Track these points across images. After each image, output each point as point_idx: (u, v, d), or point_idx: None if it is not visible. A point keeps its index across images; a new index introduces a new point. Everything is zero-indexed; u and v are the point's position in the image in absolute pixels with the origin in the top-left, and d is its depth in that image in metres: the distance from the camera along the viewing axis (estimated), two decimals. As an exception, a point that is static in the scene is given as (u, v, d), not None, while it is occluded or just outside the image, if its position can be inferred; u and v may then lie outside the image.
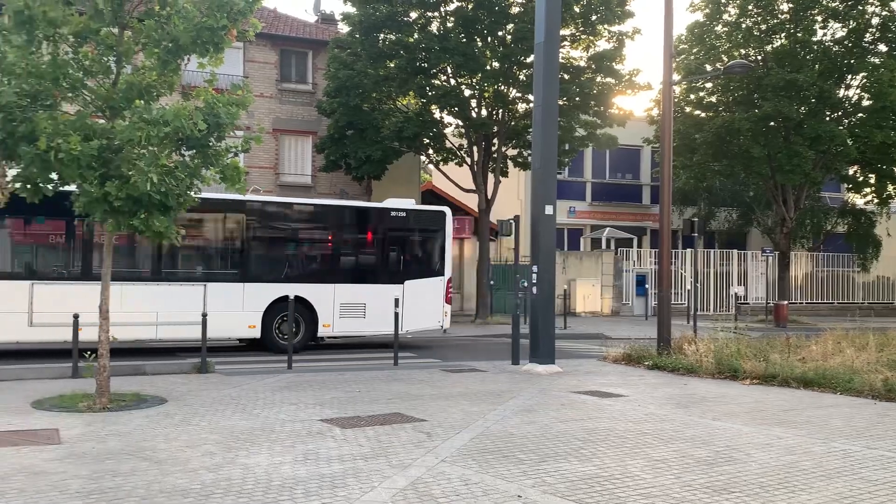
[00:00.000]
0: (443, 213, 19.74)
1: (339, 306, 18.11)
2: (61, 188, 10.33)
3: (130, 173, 9.27)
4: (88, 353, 11.29)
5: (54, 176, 10.07)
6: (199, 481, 6.65)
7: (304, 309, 17.56)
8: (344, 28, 29.03)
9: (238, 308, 17.09)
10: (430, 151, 29.08)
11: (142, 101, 9.69)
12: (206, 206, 15.34)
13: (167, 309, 16.15)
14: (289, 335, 14.95)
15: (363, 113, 26.85)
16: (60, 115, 9.52)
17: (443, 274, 19.32)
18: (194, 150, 10.30)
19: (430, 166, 34.94)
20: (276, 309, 17.44)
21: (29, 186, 10.12)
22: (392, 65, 26.89)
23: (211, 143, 10.29)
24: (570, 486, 6.75)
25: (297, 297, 16.65)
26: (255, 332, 17.27)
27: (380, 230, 19.11)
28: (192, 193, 10.38)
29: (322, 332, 18.01)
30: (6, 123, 9.31)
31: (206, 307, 15.90)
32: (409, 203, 20.14)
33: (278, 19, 31.57)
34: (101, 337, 10.41)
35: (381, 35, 26.89)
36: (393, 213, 19.32)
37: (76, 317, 13.18)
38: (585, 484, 6.82)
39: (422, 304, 18.70)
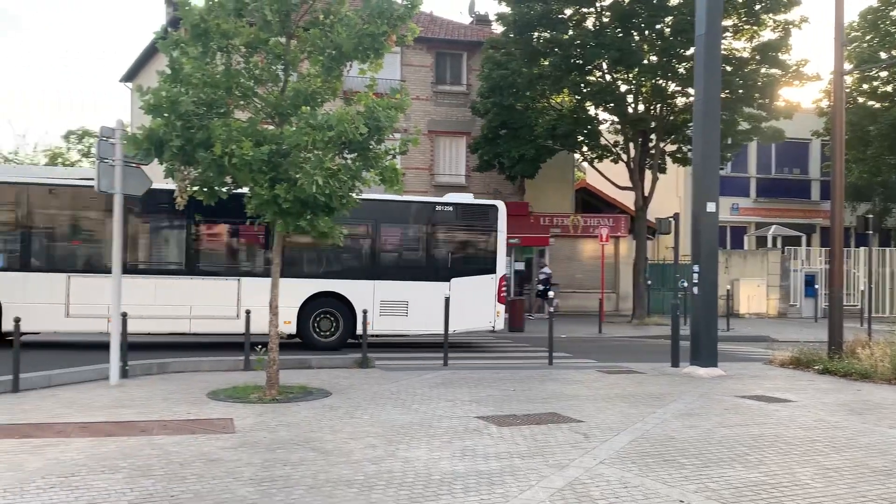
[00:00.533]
0: (494, 208, 18.73)
1: (380, 304, 17.55)
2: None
3: (298, 176, 9.69)
4: (260, 346, 11.91)
5: (228, 179, 10.70)
6: (363, 472, 6.88)
7: (343, 306, 17.26)
8: (498, 28, 29.20)
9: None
10: (585, 149, 28.81)
11: (308, 108, 10.12)
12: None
13: (201, 303, 16.39)
14: (361, 333, 14.79)
15: (517, 112, 26.91)
16: (233, 123, 10.06)
17: (495, 271, 18.35)
18: (356, 154, 10.65)
19: (585, 164, 34.57)
20: (313, 305, 17.25)
21: (205, 190, 10.79)
22: (546, 63, 26.79)
23: (371, 146, 10.61)
24: (735, 492, 6.52)
25: (334, 293, 17.05)
26: (291, 328, 16.88)
27: (424, 225, 18.37)
28: (353, 195, 10.73)
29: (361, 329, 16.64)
30: (185, 131, 9.92)
31: (240, 302, 16.32)
32: (464, 197, 19.26)
33: (434, 22, 32.10)
34: (271, 331, 10.93)
35: (535, 33, 26.85)
36: (438, 208, 18.66)
37: (248, 312, 13.95)
38: (751, 491, 6.57)
39: (470, 303, 17.70)
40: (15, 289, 15.81)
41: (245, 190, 10.45)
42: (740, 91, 25.99)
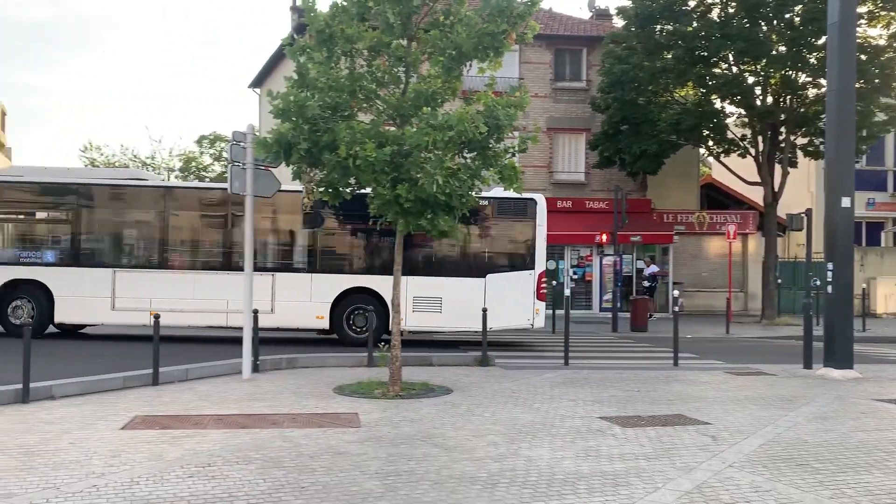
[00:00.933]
0: (532, 202, 17.76)
1: (413, 300, 16.92)
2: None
3: (418, 176, 9.83)
4: (383, 343, 12.16)
5: (351, 180, 10.97)
6: (486, 470, 6.92)
7: (376, 301, 16.74)
8: (619, 22, 28.74)
9: (305, 298, 16.97)
10: (710, 143, 28.00)
11: (428, 108, 10.24)
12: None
13: (238, 297, 15.76)
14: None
15: (638, 107, 26.43)
16: (357, 125, 10.29)
17: (532, 267, 17.38)
18: (475, 153, 10.72)
19: (710, 159, 33.58)
20: (346, 300, 17.08)
21: (330, 191, 11.09)
22: (669, 56, 26.22)
23: (491, 145, 10.65)
24: (874, 499, 6.22)
25: (366, 288, 16.82)
26: (324, 323, 16.98)
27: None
28: (473, 194, 10.79)
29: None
30: (311, 134, 10.23)
31: (274, 297, 16.63)
32: (501, 191, 18.40)
33: (553, 19, 31.90)
34: (393, 329, 11.14)
35: (658, 26, 26.32)
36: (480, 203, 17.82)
37: (372, 311, 14.27)
38: (891, 499, 6.24)
39: (507, 300, 16.87)
40: (66, 282, 16.88)
41: (368, 190, 10.69)
42: (876, 81, 24.69)
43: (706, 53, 25.60)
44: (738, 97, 26.11)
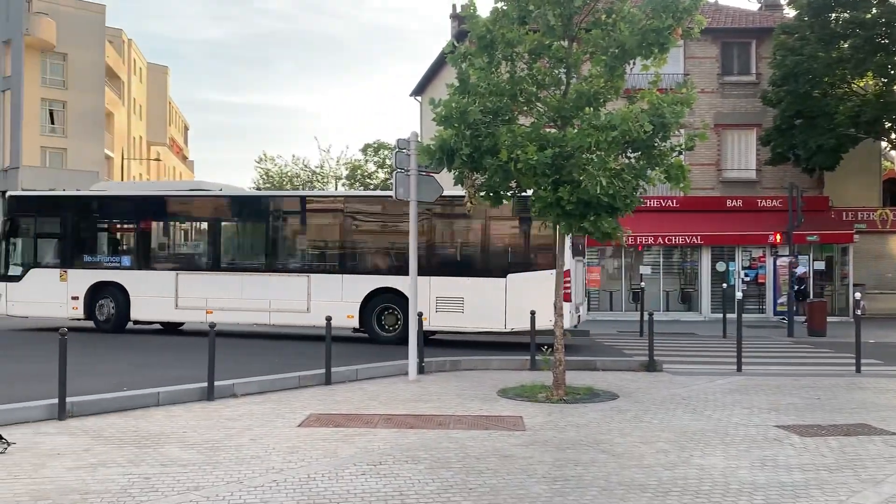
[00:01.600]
0: None
1: (436, 300, 16.90)
2: None
3: (581, 178, 9.72)
4: (546, 346, 12.10)
5: (512, 184, 11.00)
6: (656, 478, 6.74)
7: (403, 301, 16.28)
8: (790, 12, 27.43)
9: (337, 298, 17.35)
10: (893, 136, 26.19)
11: (590, 108, 10.12)
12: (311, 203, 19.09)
13: (278, 297, 17.73)
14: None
15: (813, 100, 25.11)
16: (518, 128, 10.31)
17: (552, 266, 15.69)
18: (639, 152, 10.50)
19: (893, 153, 31.40)
20: (375, 300, 17.35)
21: (492, 195, 11.16)
22: (846, 45, 24.77)
23: (656, 144, 10.40)
24: None
25: (393, 289, 17.00)
26: (354, 322, 17.42)
27: (475, 219, 17.00)
28: (637, 195, 10.56)
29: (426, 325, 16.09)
30: (473, 139, 10.33)
31: (310, 297, 17.57)
32: None
33: (719, 11, 30.82)
34: (556, 332, 11.06)
35: (833, 14, 24.93)
36: None
37: (533, 313, 14.24)
38: None
39: (529, 301, 15.90)
40: (140, 284, 18.84)
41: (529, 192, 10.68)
42: None
43: (887, 41, 24.02)
44: (925, 85, 24.37)
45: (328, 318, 12.57)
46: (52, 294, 19.47)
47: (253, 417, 9.22)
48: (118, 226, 20.45)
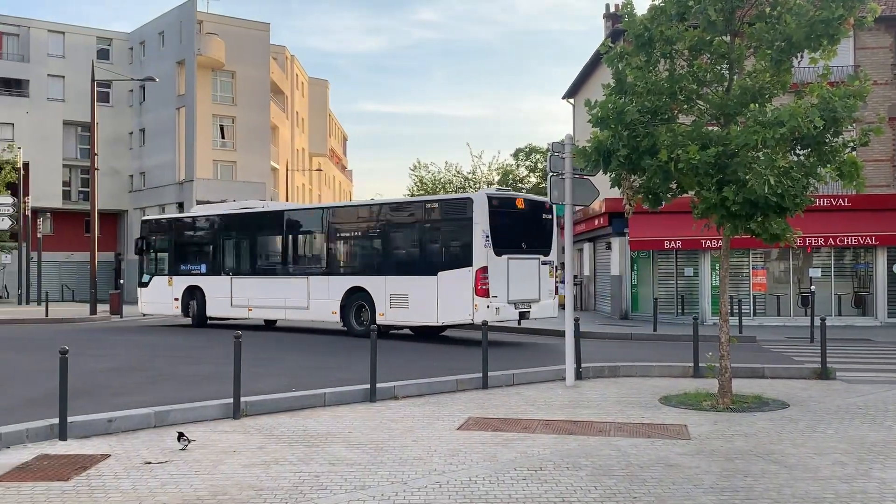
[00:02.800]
0: (469, 201, 18.23)
1: (389, 297, 19.28)
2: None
3: (747, 177, 9.34)
4: (710, 353, 11.68)
5: (672, 185, 10.69)
6: (832, 491, 6.38)
7: (370, 298, 19.56)
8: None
9: (326, 297, 20.56)
10: None
11: (756, 105, 9.72)
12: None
13: (289, 296, 21.37)
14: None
15: None
16: (678, 127, 10.03)
17: (471, 264, 17.74)
18: (809, 149, 9.99)
19: None
20: (351, 299, 20.15)
21: (650, 196, 10.90)
22: None
23: (827, 140, 9.86)
24: None
25: (361, 287, 19.87)
26: (336, 318, 20.48)
27: (417, 223, 19.48)
28: (807, 193, 10.03)
29: (379, 320, 19.22)
30: (631, 140, 10.12)
31: (309, 297, 20.93)
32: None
33: (893, -2, 28.89)
34: (722, 339, 10.66)
35: None
36: (427, 206, 19.86)
37: (696, 319, 13.80)
38: None
39: (452, 296, 18.03)
40: (211, 287, 23.48)
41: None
42: None
43: None
44: None
45: (485, 322, 12.62)
46: (165, 296, 24.85)
47: (414, 419, 9.40)
48: (199, 240, 25.08)
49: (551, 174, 12.23)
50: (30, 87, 52.17)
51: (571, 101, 38.23)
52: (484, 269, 17.70)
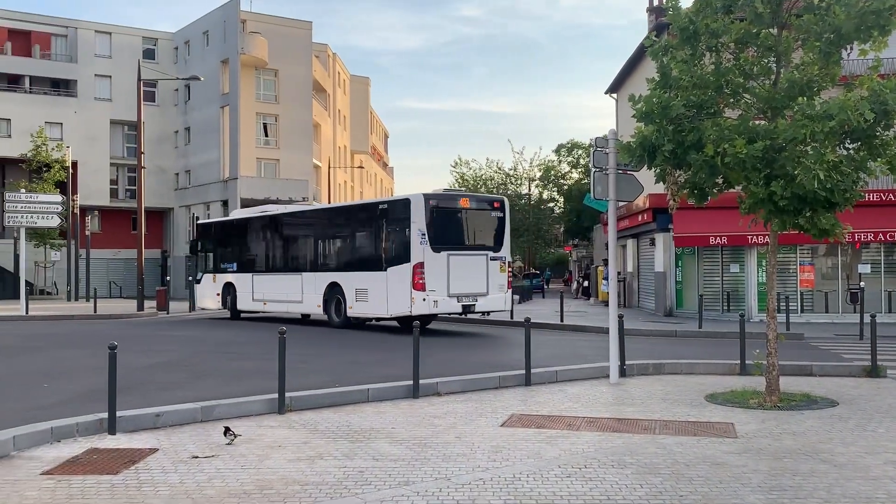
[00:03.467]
0: (407, 202, 19.93)
1: (355, 291, 21.28)
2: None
3: (795, 172, 9.18)
4: (757, 350, 11.50)
5: (718, 180, 10.55)
6: (884, 490, 6.25)
7: (343, 293, 21.75)
8: None
9: (313, 292, 22.88)
10: None
11: (804, 98, 9.54)
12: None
13: (289, 291, 23.83)
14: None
15: None
16: (724, 121, 9.89)
17: (409, 260, 19.43)
18: (859, 143, 9.78)
19: None
20: (331, 293, 22.25)
21: (696, 192, 10.76)
22: None
23: (878, 133, 9.65)
24: None
25: (335, 282, 22.04)
26: (320, 311, 22.68)
27: (373, 223, 21.26)
28: (857, 188, 9.83)
29: (349, 312, 21.56)
30: (676, 135, 10.00)
31: (303, 292, 23.24)
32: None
33: (945, -14, 28.16)
34: (769, 336, 10.50)
35: None
36: (379, 207, 21.46)
37: (743, 316, 13.62)
38: None
39: (397, 290, 19.80)
40: (240, 283, 26.31)
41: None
42: None
43: None
44: None
45: (527, 320, 12.55)
46: (211, 292, 28.02)
47: (456, 416, 9.40)
48: (233, 241, 27.51)
49: (594, 170, 12.14)
50: (78, 87, 53.16)
51: (614, 95, 37.94)
52: (420, 265, 19.36)
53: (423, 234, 19.38)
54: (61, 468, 6.99)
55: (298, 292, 23.51)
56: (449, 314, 20.83)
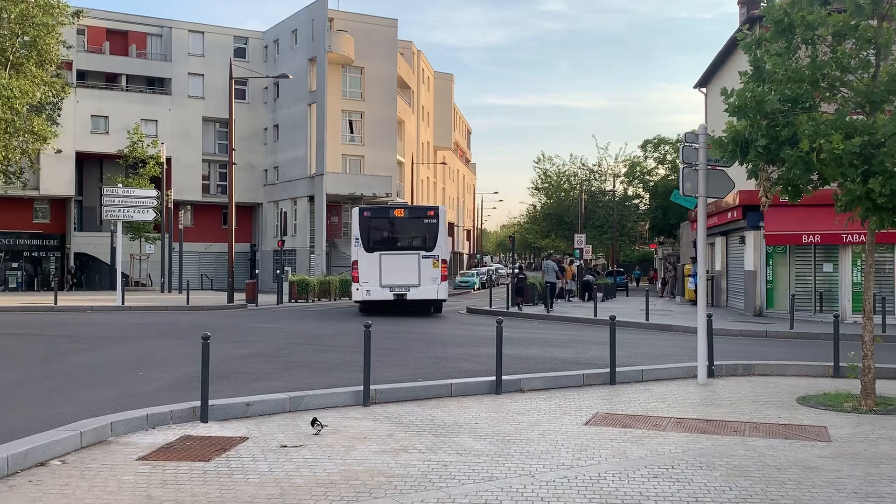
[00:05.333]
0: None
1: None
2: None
3: (895, 168, 8.84)
4: (852, 353, 11.12)
5: (814, 176, 10.22)
6: None
7: None
8: None
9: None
10: None
11: (905, 92, 9.17)
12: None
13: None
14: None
15: None
16: (820, 116, 9.57)
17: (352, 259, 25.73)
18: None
19: None
20: None
21: (790, 188, 10.45)
22: None
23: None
24: None
25: None
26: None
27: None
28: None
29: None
30: (770, 129, 9.73)
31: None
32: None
33: None
34: (865, 337, 10.14)
35: None
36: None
37: (837, 317, 13.19)
38: None
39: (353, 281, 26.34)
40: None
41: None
42: None
43: None
44: None
45: (612, 318, 12.41)
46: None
47: (540, 413, 9.37)
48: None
49: (683, 165, 11.92)
50: (172, 85, 54.82)
51: (703, 90, 37.10)
52: (355, 263, 25.55)
53: (357, 239, 25.57)
54: (156, 454, 7.24)
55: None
56: (383, 300, 25.44)
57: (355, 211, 25.71)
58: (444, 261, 25.72)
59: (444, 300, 26.80)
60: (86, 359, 13.89)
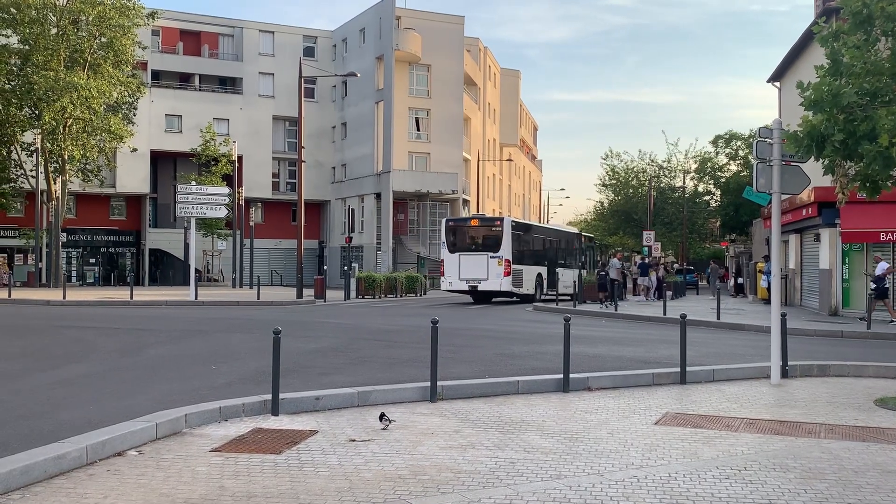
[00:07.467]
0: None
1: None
2: None
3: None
4: None
5: (893, 172, 9.92)
6: None
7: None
8: None
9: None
10: None
11: None
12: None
13: None
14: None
15: None
16: (903, 110, 9.28)
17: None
18: None
19: None
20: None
21: (868, 185, 10.16)
22: None
23: None
24: None
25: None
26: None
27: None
28: None
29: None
30: (847, 124, 9.47)
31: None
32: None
33: None
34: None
35: None
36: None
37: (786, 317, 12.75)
38: None
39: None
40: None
41: None
42: None
43: None
44: None
45: (683, 317, 12.23)
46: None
47: (608, 412, 9.28)
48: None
49: (757, 161, 11.65)
50: (243, 85, 55.88)
51: (777, 84, 36.26)
52: (442, 262, 32.79)
53: (443, 242, 32.90)
54: (228, 446, 7.39)
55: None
56: (461, 291, 32.75)
57: (444, 222, 33.81)
58: (507, 260, 31.13)
59: (507, 291, 31.81)
60: (160, 352, 14.25)
